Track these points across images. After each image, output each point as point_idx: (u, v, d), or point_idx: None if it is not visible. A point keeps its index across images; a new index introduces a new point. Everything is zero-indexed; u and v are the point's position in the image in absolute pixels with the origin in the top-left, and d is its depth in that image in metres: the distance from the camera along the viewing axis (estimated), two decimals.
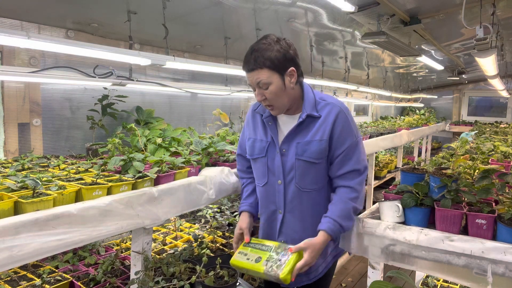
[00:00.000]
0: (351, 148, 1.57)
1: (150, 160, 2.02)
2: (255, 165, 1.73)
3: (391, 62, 5.83)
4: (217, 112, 2.95)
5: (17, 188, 1.47)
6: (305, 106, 1.58)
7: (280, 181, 1.62)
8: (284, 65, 1.50)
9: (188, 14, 2.72)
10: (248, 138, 1.74)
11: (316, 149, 1.55)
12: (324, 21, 3.26)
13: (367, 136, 4.26)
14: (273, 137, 1.63)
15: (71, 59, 2.58)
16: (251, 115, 1.77)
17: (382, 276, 1.68)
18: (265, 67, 1.47)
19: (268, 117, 1.64)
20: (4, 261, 1.21)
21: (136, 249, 1.74)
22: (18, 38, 1.57)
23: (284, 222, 1.65)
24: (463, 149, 2.29)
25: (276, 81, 1.50)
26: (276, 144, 1.62)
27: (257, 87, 1.52)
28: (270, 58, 1.47)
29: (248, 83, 1.56)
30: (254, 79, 1.50)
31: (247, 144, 1.74)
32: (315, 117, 1.57)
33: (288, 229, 1.65)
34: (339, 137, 1.56)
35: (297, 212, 1.63)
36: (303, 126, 1.59)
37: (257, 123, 1.72)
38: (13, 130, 2.39)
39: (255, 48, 1.49)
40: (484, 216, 1.42)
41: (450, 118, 9.37)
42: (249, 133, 1.75)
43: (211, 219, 3.01)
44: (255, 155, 1.69)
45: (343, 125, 1.56)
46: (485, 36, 2.70)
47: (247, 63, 1.51)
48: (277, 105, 1.55)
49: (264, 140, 1.66)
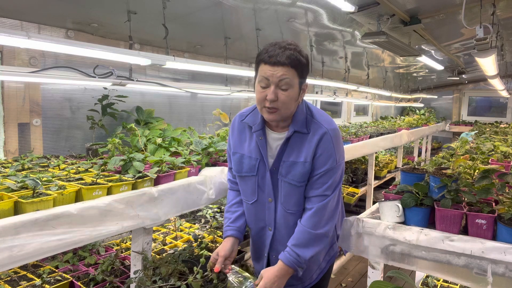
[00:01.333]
0: (328, 172, 1.48)
1: (150, 160, 2.02)
2: (242, 182, 1.63)
3: (391, 62, 5.84)
4: (217, 112, 2.95)
5: (17, 188, 1.47)
6: (296, 121, 1.50)
7: (270, 199, 1.56)
8: (305, 77, 1.46)
9: (188, 14, 2.72)
10: (233, 153, 1.62)
11: (299, 171, 1.48)
12: (324, 21, 3.26)
13: (367, 136, 4.26)
14: (263, 155, 1.53)
15: (71, 59, 2.58)
16: (237, 125, 1.63)
17: (382, 276, 1.68)
18: (294, 68, 1.39)
19: (258, 131, 1.53)
20: (4, 261, 1.21)
21: (136, 249, 1.74)
22: (18, 38, 1.57)
23: (275, 238, 1.60)
24: (463, 149, 2.29)
25: (295, 87, 1.42)
26: (266, 163, 1.53)
27: (275, 85, 1.38)
28: (301, 62, 1.41)
29: (263, 76, 1.39)
30: (278, 75, 1.37)
31: (232, 159, 1.63)
32: (304, 134, 1.49)
33: (278, 245, 1.59)
34: (319, 158, 1.47)
35: (287, 229, 1.57)
36: (291, 143, 1.51)
37: (244, 136, 1.60)
38: (13, 130, 2.39)
39: (282, 45, 1.39)
40: (484, 216, 1.42)
41: (450, 118, 9.37)
42: (235, 146, 1.62)
43: (211, 219, 3.01)
44: (244, 172, 1.58)
45: (325, 148, 1.47)
46: (485, 36, 2.70)
47: (277, 55, 1.36)
48: (283, 111, 1.43)
49: (253, 157, 1.55)
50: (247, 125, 1.58)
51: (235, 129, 1.64)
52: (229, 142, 1.68)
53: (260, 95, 1.43)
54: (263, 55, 1.40)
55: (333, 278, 3.69)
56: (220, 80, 3.87)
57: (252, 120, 1.56)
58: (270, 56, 1.38)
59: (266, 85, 1.40)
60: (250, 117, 1.58)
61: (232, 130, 1.65)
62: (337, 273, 3.79)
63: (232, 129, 1.65)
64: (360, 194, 4.38)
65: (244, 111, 1.64)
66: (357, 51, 4.73)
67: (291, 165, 1.49)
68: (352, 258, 4.10)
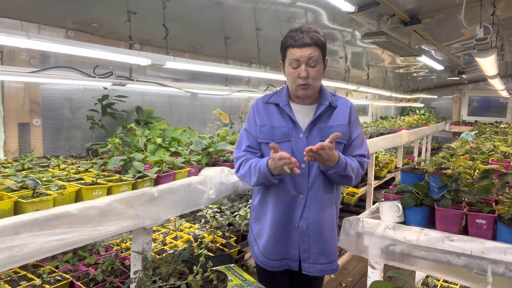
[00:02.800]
0: (362, 135, 1.81)
1: (150, 160, 2.02)
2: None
3: (391, 62, 5.84)
4: (217, 112, 2.95)
5: (17, 188, 1.47)
6: (325, 96, 1.75)
7: (304, 165, 1.69)
8: (326, 52, 1.69)
9: (188, 14, 2.72)
10: (261, 125, 1.75)
11: (340, 130, 1.70)
12: (324, 21, 3.26)
13: (367, 136, 4.26)
14: (297, 123, 1.71)
15: (71, 59, 2.58)
16: (262, 106, 1.79)
17: (382, 276, 1.68)
18: (318, 46, 1.62)
19: (286, 105, 1.73)
20: (4, 261, 1.21)
21: (136, 249, 1.74)
22: (18, 38, 1.57)
23: (306, 206, 1.71)
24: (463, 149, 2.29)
25: (321, 62, 1.66)
26: (299, 129, 1.70)
27: (306, 63, 1.61)
28: (322, 41, 1.65)
29: (294, 58, 1.61)
30: (307, 54, 1.59)
31: (260, 131, 1.74)
32: (333, 107, 1.75)
33: (310, 213, 1.71)
34: (353, 124, 1.77)
35: (317, 195, 1.71)
36: (324, 114, 1.73)
37: (270, 112, 1.76)
38: (13, 130, 2.38)
39: (304, 29, 1.61)
40: (484, 216, 1.42)
41: (450, 118, 9.37)
42: (263, 120, 1.76)
43: (211, 219, 3.01)
44: (277, 139, 1.70)
45: (355, 116, 1.80)
46: (485, 36, 2.70)
47: (301, 39, 1.59)
48: (314, 86, 1.66)
49: (285, 126, 1.72)
50: (272, 104, 1.78)
51: (260, 108, 1.80)
52: (249, 121, 1.82)
53: (293, 76, 1.65)
54: (289, 41, 1.63)
55: (333, 278, 3.69)
56: (220, 80, 3.87)
57: (276, 99, 1.77)
58: (295, 40, 1.60)
59: (297, 66, 1.63)
60: (274, 98, 1.79)
61: (257, 109, 1.80)
62: (337, 273, 3.79)
63: (257, 109, 1.80)
64: (360, 194, 4.38)
65: (264, 97, 1.83)
66: (357, 51, 4.73)
67: (329, 128, 1.72)
68: (352, 258, 4.10)
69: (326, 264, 1.75)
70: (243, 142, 1.81)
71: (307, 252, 1.73)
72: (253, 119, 1.80)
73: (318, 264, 1.74)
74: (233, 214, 3.09)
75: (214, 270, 1.55)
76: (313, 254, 1.73)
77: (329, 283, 3.60)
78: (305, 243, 1.72)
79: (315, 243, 1.73)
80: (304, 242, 1.72)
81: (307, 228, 1.71)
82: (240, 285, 1.66)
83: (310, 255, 1.73)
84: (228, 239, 2.63)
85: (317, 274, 1.75)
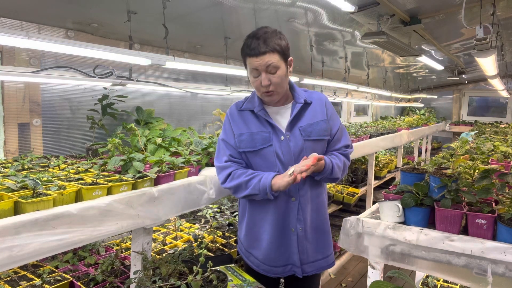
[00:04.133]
0: (342, 126, 1.83)
1: (150, 160, 2.01)
2: (257, 158, 1.69)
3: (391, 62, 5.83)
4: (217, 112, 2.95)
5: (17, 188, 1.46)
6: (298, 95, 1.73)
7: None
8: (287, 53, 1.62)
9: (188, 14, 2.72)
10: (240, 134, 1.70)
11: (321, 127, 1.71)
12: (324, 21, 3.26)
13: (367, 136, 4.26)
14: (276, 126, 1.68)
15: (71, 59, 2.58)
16: (236, 114, 1.74)
17: (382, 276, 1.68)
18: (275, 51, 1.55)
19: (261, 110, 1.68)
20: (4, 261, 1.21)
21: (136, 249, 1.74)
22: (18, 38, 1.57)
23: (300, 208, 1.70)
24: (463, 149, 2.29)
25: (282, 66, 1.59)
26: (280, 132, 1.67)
27: (265, 71, 1.57)
28: (279, 44, 1.57)
29: (252, 67, 1.57)
30: (264, 62, 1.54)
31: (239, 140, 1.70)
32: (308, 104, 1.73)
33: (305, 215, 1.71)
34: (331, 118, 1.76)
35: (307, 195, 1.71)
36: (301, 112, 1.71)
37: (246, 119, 1.72)
38: (13, 130, 2.38)
39: (260, 35, 1.55)
40: (484, 216, 1.42)
41: (450, 118, 9.37)
42: (240, 128, 1.71)
43: (211, 219, 3.01)
44: (259, 146, 1.67)
45: (332, 109, 1.80)
46: (485, 36, 2.70)
47: (257, 47, 1.53)
48: (279, 91, 1.63)
49: (265, 130, 1.68)
50: (247, 110, 1.73)
51: (234, 116, 1.75)
52: (225, 130, 1.76)
53: (256, 84, 1.62)
54: (245, 49, 1.58)
55: (333, 278, 3.69)
56: (220, 80, 3.87)
57: (250, 105, 1.72)
58: (251, 49, 1.55)
59: (257, 74, 1.59)
60: (246, 104, 1.74)
61: (232, 117, 1.75)
62: (337, 273, 3.79)
63: (231, 117, 1.75)
64: (360, 194, 4.38)
65: (237, 103, 1.78)
66: (357, 51, 4.73)
67: (310, 125, 1.70)
68: (352, 258, 4.11)
69: (323, 259, 1.78)
70: (221, 152, 1.75)
71: (305, 254, 1.73)
72: (229, 128, 1.74)
73: (316, 262, 1.76)
74: (233, 214, 3.09)
75: (214, 270, 1.55)
76: (311, 254, 1.74)
77: (329, 283, 3.60)
78: (302, 244, 1.73)
79: (311, 242, 1.74)
80: (302, 244, 1.72)
81: (303, 230, 1.71)
82: (240, 285, 1.66)
83: (309, 256, 1.74)
84: (228, 239, 2.63)
85: (316, 272, 1.76)
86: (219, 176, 1.74)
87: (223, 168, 1.72)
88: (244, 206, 1.82)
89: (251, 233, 1.78)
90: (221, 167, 1.73)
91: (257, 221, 1.76)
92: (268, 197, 1.61)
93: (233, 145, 1.72)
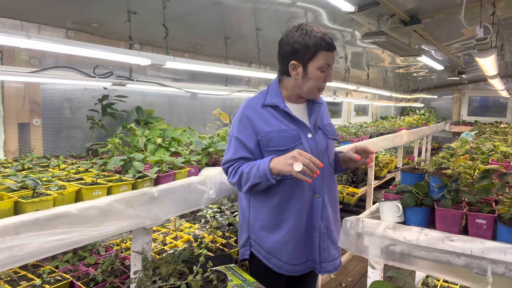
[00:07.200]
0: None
1: (150, 160, 2.01)
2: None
3: (391, 62, 5.83)
4: (217, 112, 2.95)
5: (17, 188, 1.46)
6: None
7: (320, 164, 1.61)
8: None
9: (188, 14, 2.72)
10: (268, 132, 1.61)
11: (333, 129, 1.82)
12: (324, 21, 3.26)
13: (367, 136, 4.26)
14: (303, 123, 1.69)
15: (71, 59, 2.58)
16: (259, 110, 1.66)
17: (382, 276, 1.68)
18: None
19: (286, 106, 1.68)
20: (4, 261, 1.21)
21: (136, 249, 1.74)
22: (18, 38, 1.57)
23: (324, 205, 1.72)
24: (463, 149, 2.29)
25: None
26: (306, 129, 1.69)
27: (330, 67, 1.66)
28: None
29: (326, 62, 1.61)
30: (333, 59, 1.64)
31: (266, 138, 1.61)
32: (321, 104, 1.83)
33: (327, 212, 1.73)
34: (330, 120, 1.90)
35: (330, 192, 1.75)
36: (317, 110, 1.77)
37: (268, 116, 1.65)
38: (13, 130, 2.38)
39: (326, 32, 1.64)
40: (484, 216, 1.42)
41: (450, 118, 9.37)
42: (267, 126, 1.63)
43: (211, 219, 3.01)
44: (290, 144, 1.60)
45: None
46: (485, 36, 2.70)
47: (332, 43, 1.61)
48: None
49: (293, 128, 1.65)
50: (271, 106, 1.68)
51: (257, 113, 1.65)
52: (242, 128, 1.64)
53: (320, 79, 1.65)
54: (322, 43, 1.58)
55: (333, 278, 3.69)
56: (220, 80, 3.87)
57: (274, 100, 1.68)
58: (329, 44, 1.59)
59: (326, 69, 1.63)
60: (269, 99, 1.69)
61: (254, 114, 1.65)
62: (337, 273, 3.79)
63: (253, 114, 1.65)
64: (360, 194, 4.38)
65: (256, 98, 1.71)
66: (357, 51, 4.73)
67: (328, 125, 1.80)
68: (352, 258, 4.10)
69: (338, 258, 1.82)
70: (232, 150, 1.67)
71: (326, 251, 1.73)
72: (251, 126, 1.63)
73: (334, 260, 1.79)
74: (233, 214, 3.09)
75: (214, 270, 1.55)
76: (331, 251, 1.76)
77: (329, 283, 3.60)
78: (324, 242, 1.73)
79: (331, 239, 1.76)
80: (323, 241, 1.73)
81: (325, 227, 1.73)
82: (240, 285, 1.66)
83: (329, 253, 1.75)
84: (228, 239, 2.63)
85: (334, 271, 1.80)
86: (225, 172, 1.72)
87: (230, 165, 1.68)
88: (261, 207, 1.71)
89: (274, 235, 1.70)
90: (228, 162, 1.69)
91: (280, 222, 1.68)
92: (270, 182, 1.54)
93: (249, 146, 1.63)
